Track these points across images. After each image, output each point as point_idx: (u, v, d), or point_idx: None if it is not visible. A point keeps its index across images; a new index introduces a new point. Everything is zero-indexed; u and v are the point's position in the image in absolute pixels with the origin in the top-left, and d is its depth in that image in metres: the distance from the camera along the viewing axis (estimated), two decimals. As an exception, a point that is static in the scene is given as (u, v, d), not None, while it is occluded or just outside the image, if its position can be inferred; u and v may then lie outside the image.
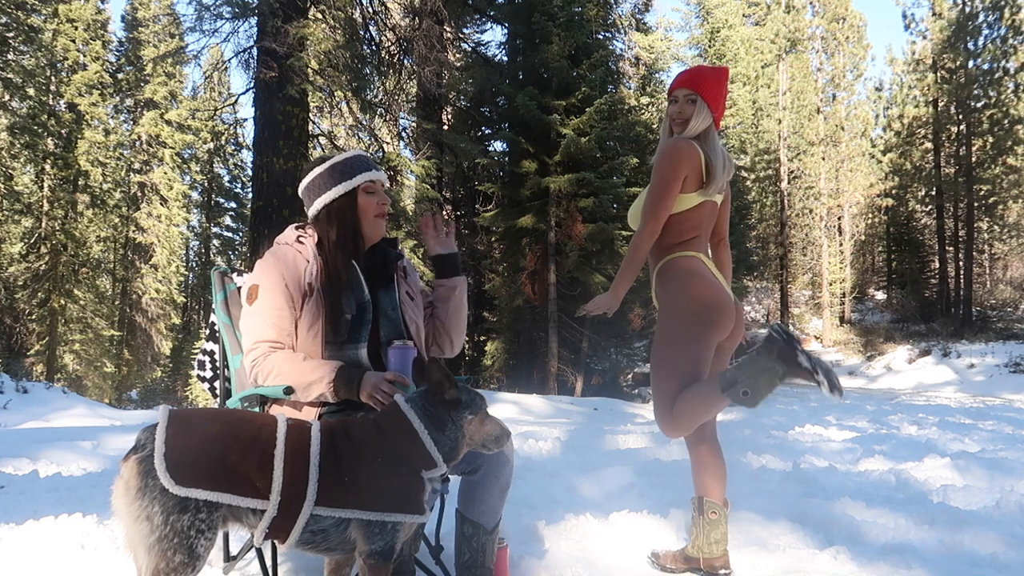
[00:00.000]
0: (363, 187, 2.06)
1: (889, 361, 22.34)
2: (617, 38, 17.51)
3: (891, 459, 4.74)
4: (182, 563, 1.47)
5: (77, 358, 24.53)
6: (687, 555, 2.47)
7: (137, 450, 1.52)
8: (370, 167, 2.09)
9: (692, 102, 2.44)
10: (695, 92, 2.44)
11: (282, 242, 2.09)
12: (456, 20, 13.80)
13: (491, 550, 2.09)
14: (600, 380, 14.13)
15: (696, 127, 2.43)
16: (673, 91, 2.49)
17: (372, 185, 2.07)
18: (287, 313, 1.96)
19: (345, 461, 1.62)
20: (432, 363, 1.71)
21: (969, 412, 10.00)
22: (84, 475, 3.94)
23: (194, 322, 32.21)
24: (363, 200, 2.06)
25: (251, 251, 9.62)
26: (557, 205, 12.78)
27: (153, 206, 28.13)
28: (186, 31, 10.55)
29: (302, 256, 2.02)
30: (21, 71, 19.69)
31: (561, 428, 6.57)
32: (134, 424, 7.10)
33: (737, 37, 25.27)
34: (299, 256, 2.02)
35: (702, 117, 2.43)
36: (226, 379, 2.19)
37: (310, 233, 2.08)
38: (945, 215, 25.57)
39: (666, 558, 2.51)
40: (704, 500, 2.41)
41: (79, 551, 2.35)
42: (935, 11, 24.60)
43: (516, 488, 2.33)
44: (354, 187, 2.05)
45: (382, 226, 2.11)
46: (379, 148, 12.49)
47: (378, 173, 2.10)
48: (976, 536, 2.71)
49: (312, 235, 2.07)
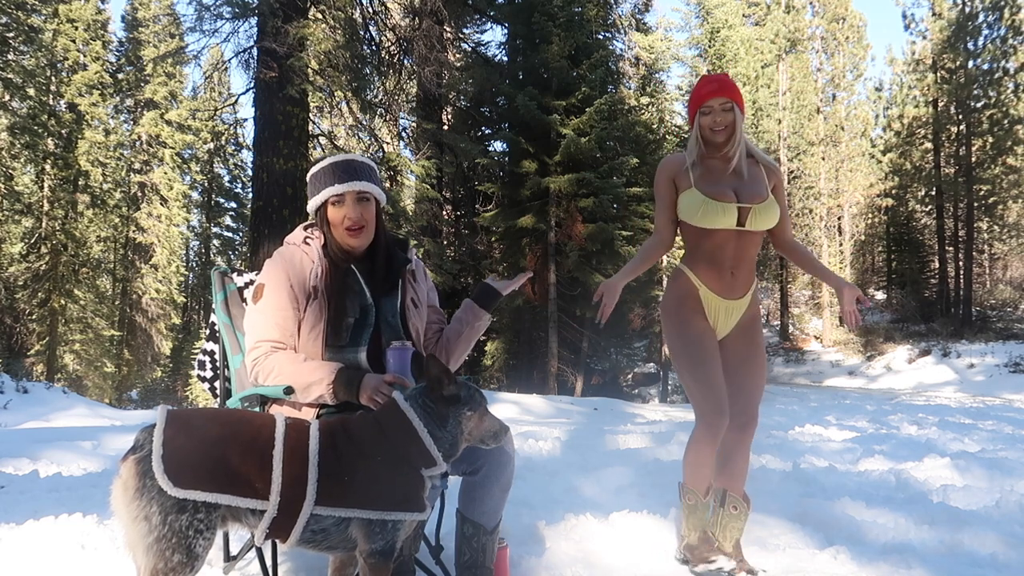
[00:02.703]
0: (330, 200, 2.03)
1: (889, 361, 22.34)
2: (617, 38, 17.52)
3: (891, 459, 4.74)
4: (180, 563, 1.47)
5: (77, 358, 24.53)
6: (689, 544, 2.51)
7: (135, 450, 1.52)
8: (336, 180, 2.02)
9: (728, 110, 2.39)
10: (731, 100, 2.40)
11: (290, 242, 2.09)
12: (456, 20, 13.79)
13: (491, 550, 2.09)
14: (600, 380, 14.14)
15: (740, 134, 2.42)
16: (705, 102, 2.40)
17: (339, 197, 2.02)
18: (290, 314, 1.96)
19: (345, 460, 1.61)
20: (431, 359, 1.71)
21: (969, 412, 10.00)
22: (84, 475, 3.93)
23: (194, 322, 32.20)
24: (331, 212, 2.03)
25: (251, 251, 9.62)
26: (557, 205, 12.78)
27: (153, 206, 28.12)
28: (186, 31, 10.57)
29: (308, 257, 2.02)
30: (21, 71, 19.68)
31: (561, 428, 6.56)
32: (134, 424, 7.10)
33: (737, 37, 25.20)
34: (305, 257, 2.02)
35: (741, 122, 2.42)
36: (226, 379, 2.19)
37: (316, 235, 2.08)
38: (945, 215, 25.56)
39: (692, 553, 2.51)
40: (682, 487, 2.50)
41: (79, 551, 2.35)
42: (935, 11, 24.59)
43: (516, 488, 2.32)
44: (322, 201, 2.03)
45: (358, 238, 2.03)
46: (379, 148, 12.49)
47: (346, 185, 2.00)
48: (976, 536, 2.71)
49: (319, 236, 2.07)
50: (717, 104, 2.39)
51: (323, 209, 2.04)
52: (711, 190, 2.40)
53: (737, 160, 2.43)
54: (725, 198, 2.38)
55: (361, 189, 2.02)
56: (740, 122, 2.41)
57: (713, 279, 2.45)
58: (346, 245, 2.04)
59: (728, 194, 2.39)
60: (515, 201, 13.41)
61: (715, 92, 2.39)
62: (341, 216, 2.02)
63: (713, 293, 2.45)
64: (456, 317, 2.25)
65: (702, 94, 2.42)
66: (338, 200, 2.02)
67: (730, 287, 2.44)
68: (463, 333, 2.22)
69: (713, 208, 2.38)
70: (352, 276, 2.04)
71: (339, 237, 2.04)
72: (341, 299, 1.99)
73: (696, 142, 2.46)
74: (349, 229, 2.02)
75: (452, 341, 2.22)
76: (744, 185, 2.42)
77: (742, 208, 2.38)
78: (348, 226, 2.02)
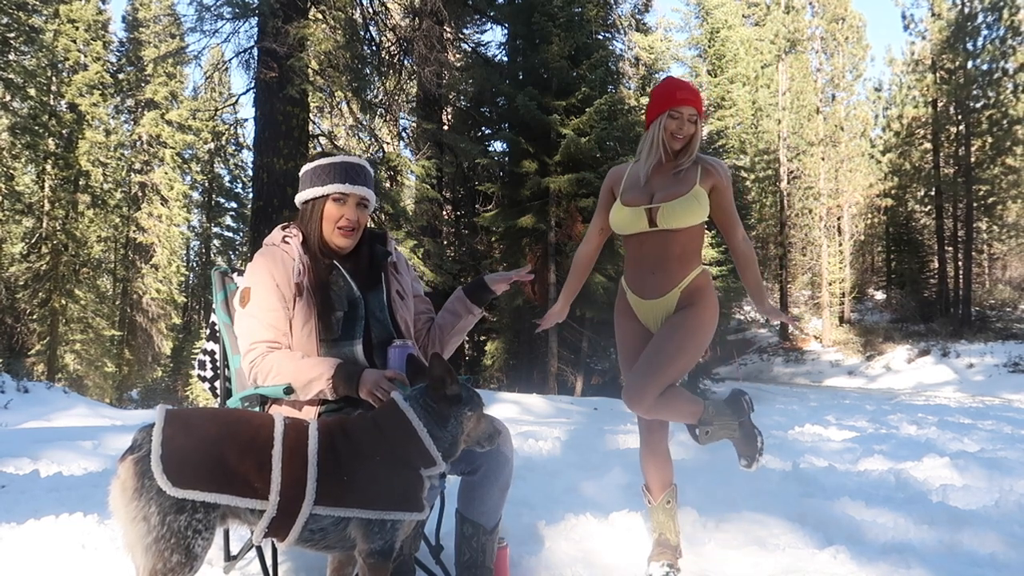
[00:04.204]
0: (332, 196, 2.04)
1: (888, 361, 22.35)
2: (617, 38, 17.50)
3: (890, 459, 4.75)
4: (179, 563, 1.47)
5: (78, 358, 24.52)
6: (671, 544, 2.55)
7: (134, 450, 1.52)
8: (347, 179, 2.05)
9: (693, 122, 2.41)
10: (697, 114, 2.41)
11: (269, 243, 2.10)
12: (456, 20, 13.80)
13: (491, 550, 2.09)
14: (600, 380, 14.13)
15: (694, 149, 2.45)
16: (677, 106, 2.38)
17: (343, 196, 2.04)
18: (281, 312, 1.97)
19: (344, 460, 1.62)
20: (434, 358, 1.71)
21: (968, 412, 10.00)
22: (85, 475, 3.94)
23: (194, 322, 32.18)
24: (329, 208, 2.04)
25: (251, 251, 9.61)
26: (557, 205, 12.79)
27: (154, 206, 28.12)
28: (186, 31, 10.58)
29: (288, 256, 2.03)
30: (22, 71, 19.67)
31: (561, 428, 6.57)
32: (135, 424, 7.10)
33: (737, 37, 25.26)
34: (286, 256, 2.03)
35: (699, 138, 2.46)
36: (226, 379, 2.20)
37: (294, 232, 2.09)
38: (944, 215, 25.57)
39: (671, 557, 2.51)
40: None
41: (80, 551, 2.35)
42: (934, 11, 24.59)
43: (516, 488, 2.33)
44: (324, 193, 2.05)
45: (348, 239, 2.06)
46: (379, 148, 12.49)
47: (354, 187, 2.04)
48: (975, 536, 2.71)
49: (297, 234, 2.08)
50: (687, 113, 2.39)
51: (320, 203, 2.05)
52: (627, 197, 2.46)
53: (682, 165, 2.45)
54: (636, 202, 2.43)
55: (364, 195, 2.07)
56: (698, 137, 2.44)
57: (636, 281, 2.51)
58: (333, 244, 2.06)
59: (640, 198, 2.43)
60: (515, 201, 13.41)
61: (688, 101, 2.39)
62: (339, 215, 2.04)
63: (636, 295, 2.51)
64: (447, 308, 2.26)
65: (677, 99, 2.39)
66: (340, 199, 2.04)
67: (652, 287, 2.45)
68: (456, 325, 2.24)
69: (625, 214, 2.45)
70: (336, 271, 2.05)
71: (328, 234, 2.05)
72: (326, 293, 2.00)
73: (657, 145, 2.43)
74: (342, 229, 2.04)
75: (445, 332, 2.24)
76: (665, 185, 2.43)
77: (651, 209, 2.40)
78: (343, 226, 2.04)
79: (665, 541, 2.51)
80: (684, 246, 2.44)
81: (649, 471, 2.59)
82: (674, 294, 2.43)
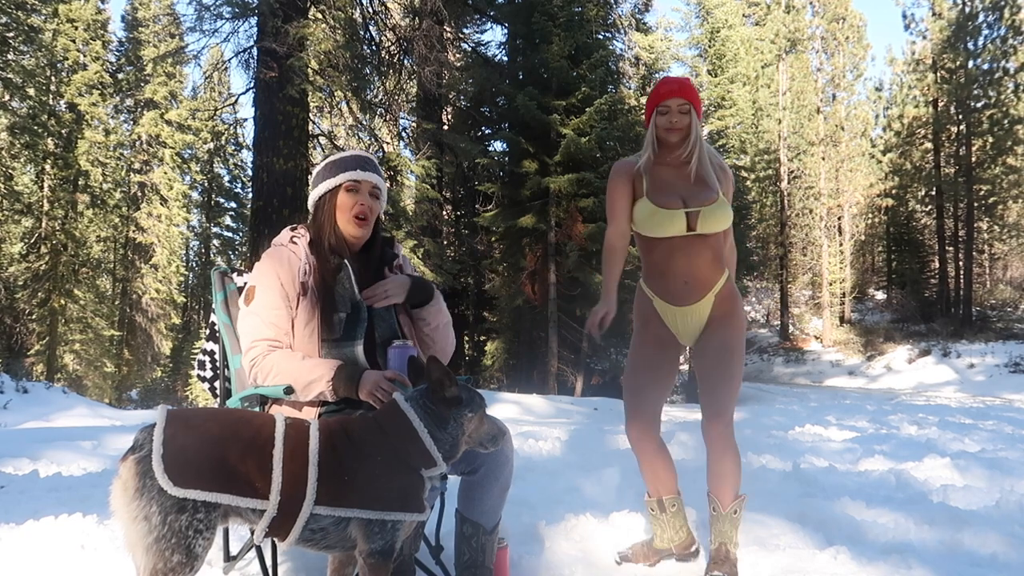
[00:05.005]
0: (345, 185, 2.06)
1: (889, 361, 22.35)
2: (617, 38, 17.52)
3: (891, 459, 4.74)
4: (180, 563, 1.47)
5: (77, 358, 24.53)
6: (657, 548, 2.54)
7: (135, 450, 1.52)
8: (358, 167, 2.08)
9: (685, 113, 2.41)
10: (689, 102, 2.41)
11: (277, 243, 2.11)
12: (456, 20, 13.80)
13: (491, 550, 2.09)
14: (600, 380, 14.14)
15: (695, 138, 2.42)
16: (663, 101, 2.40)
17: (356, 184, 2.06)
18: (284, 312, 1.97)
19: (344, 460, 1.61)
20: (432, 361, 1.71)
21: (969, 412, 10.00)
22: (84, 475, 3.94)
23: (194, 322, 32.19)
24: (342, 197, 2.06)
25: (251, 251, 9.62)
26: (557, 205, 12.79)
27: (153, 206, 28.12)
28: (186, 31, 10.60)
29: (295, 256, 2.04)
30: (21, 71, 19.67)
31: (561, 428, 6.57)
32: (134, 424, 7.10)
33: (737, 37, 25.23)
34: (293, 256, 2.04)
35: (698, 126, 2.43)
36: (226, 379, 2.19)
37: (302, 233, 2.10)
38: (945, 215, 25.57)
39: (638, 555, 2.55)
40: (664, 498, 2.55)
41: (79, 551, 2.35)
42: (935, 11, 24.60)
43: (516, 488, 2.32)
44: (337, 184, 2.06)
45: (362, 228, 2.07)
46: (379, 148, 12.50)
47: (366, 174, 2.07)
48: (976, 536, 2.71)
49: (305, 235, 2.09)
50: (675, 105, 2.39)
51: (333, 194, 2.07)
52: (661, 200, 2.40)
53: (696, 164, 2.43)
54: (672, 205, 2.38)
55: (376, 183, 2.10)
56: (696, 126, 2.42)
57: (664, 287, 2.44)
58: (348, 234, 2.07)
59: (675, 201, 2.39)
60: (515, 201, 13.42)
61: (674, 93, 2.40)
62: (353, 202, 2.05)
63: (664, 302, 2.44)
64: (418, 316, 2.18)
65: (661, 93, 2.42)
66: (354, 187, 2.06)
67: (685, 293, 2.41)
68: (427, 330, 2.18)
69: (662, 217, 2.38)
70: (344, 271, 2.05)
71: (343, 224, 2.06)
72: (330, 293, 2.01)
73: (650, 143, 2.47)
74: (357, 217, 2.05)
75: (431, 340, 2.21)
76: (693, 189, 2.42)
77: (690, 213, 2.37)
78: (357, 213, 2.05)
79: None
80: (715, 250, 2.43)
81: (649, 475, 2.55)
82: (708, 299, 2.41)
